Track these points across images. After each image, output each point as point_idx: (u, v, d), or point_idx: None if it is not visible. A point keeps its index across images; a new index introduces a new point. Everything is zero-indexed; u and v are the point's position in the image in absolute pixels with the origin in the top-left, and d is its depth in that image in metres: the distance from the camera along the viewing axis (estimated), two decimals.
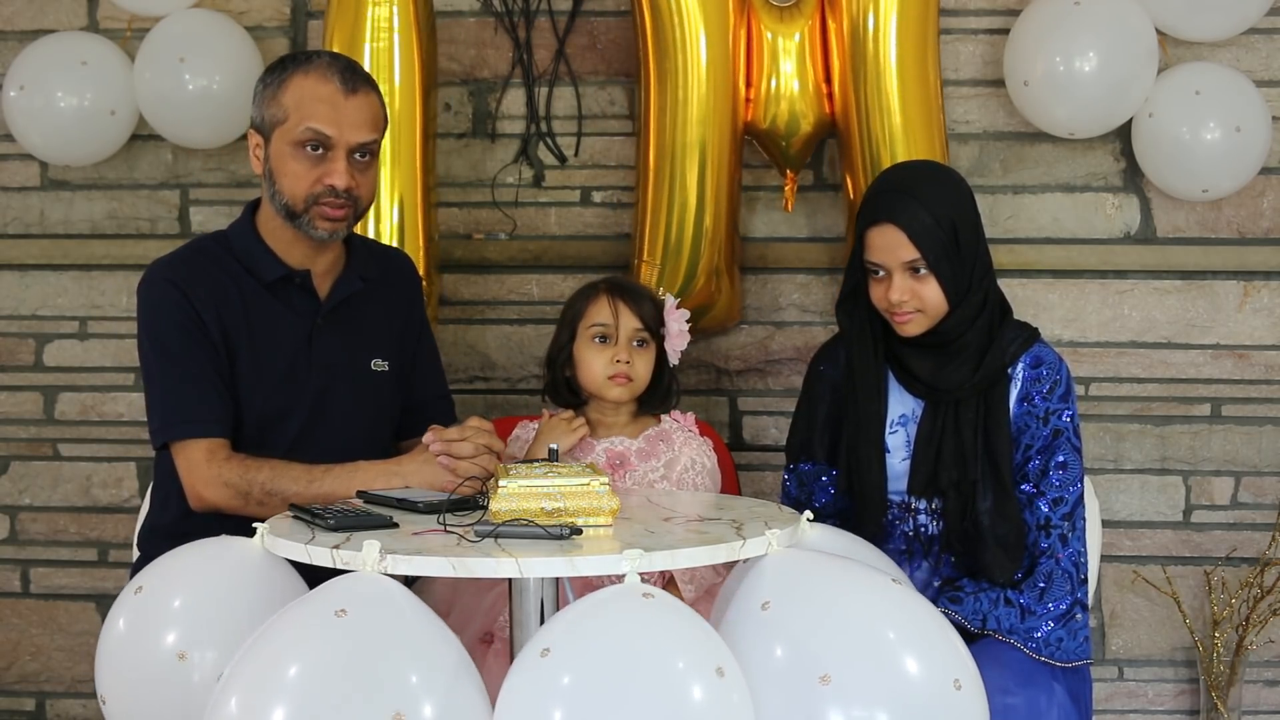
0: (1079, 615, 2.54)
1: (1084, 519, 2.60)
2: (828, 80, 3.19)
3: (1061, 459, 2.57)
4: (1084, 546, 2.60)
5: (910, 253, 2.53)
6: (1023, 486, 2.58)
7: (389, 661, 1.84)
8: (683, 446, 2.78)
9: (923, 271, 2.53)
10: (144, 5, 3.34)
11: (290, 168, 2.55)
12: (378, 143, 2.61)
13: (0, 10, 3.50)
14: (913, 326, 2.57)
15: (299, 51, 2.65)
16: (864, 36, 3.10)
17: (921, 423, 2.62)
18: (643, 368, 2.78)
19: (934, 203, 2.55)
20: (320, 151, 2.54)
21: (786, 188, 3.28)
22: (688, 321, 2.84)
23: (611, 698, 1.78)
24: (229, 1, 3.42)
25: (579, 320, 2.79)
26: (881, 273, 2.57)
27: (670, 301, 2.83)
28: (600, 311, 2.77)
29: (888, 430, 2.64)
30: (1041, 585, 2.53)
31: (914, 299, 2.54)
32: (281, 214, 2.57)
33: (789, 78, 3.17)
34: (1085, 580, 2.58)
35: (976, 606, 2.51)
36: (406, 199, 3.17)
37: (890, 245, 2.54)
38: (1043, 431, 2.58)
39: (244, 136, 3.34)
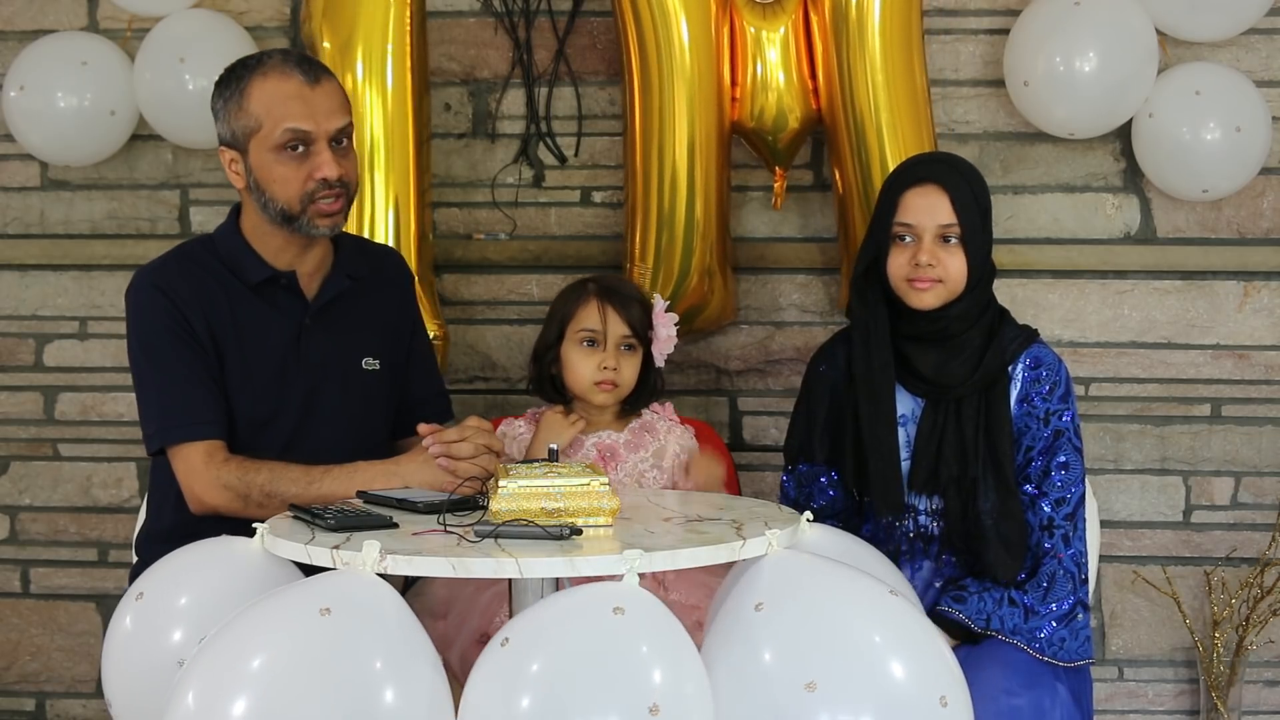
0: (1080, 615, 2.54)
1: (1085, 519, 2.61)
2: (813, 76, 3.19)
3: (1063, 459, 2.58)
4: (1085, 546, 2.60)
5: (948, 216, 2.55)
6: (1025, 488, 2.58)
7: (358, 668, 1.84)
8: (668, 436, 2.81)
9: (953, 241, 2.56)
10: (144, 5, 3.34)
11: (278, 173, 2.53)
12: (351, 125, 2.60)
13: (0, 10, 3.50)
14: (930, 297, 2.57)
15: (244, 59, 2.63)
16: (847, 30, 3.10)
17: (922, 420, 2.62)
18: (629, 373, 2.79)
19: (973, 181, 2.61)
20: (302, 149, 2.53)
21: (776, 185, 3.29)
22: (676, 325, 2.84)
23: (558, 698, 1.80)
24: (229, 1, 3.42)
25: (568, 322, 2.80)
26: (910, 238, 2.58)
27: (659, 305, 2.83)
28: (589, 316, 2.78)
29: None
30: (1045, 586, 2.53)
31: (939, 267, 2.55)
32: (277, 220, 2.55)
33: (774, 74, 3.17)
34: (1086, 580, 2.59)
35: (980, 606, 2.51)
36: (400, 200, 3.18)
37: (930, 206, 2.56)
38: (1044, 432, 2.58)
39: None
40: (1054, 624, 2.51)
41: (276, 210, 2.55)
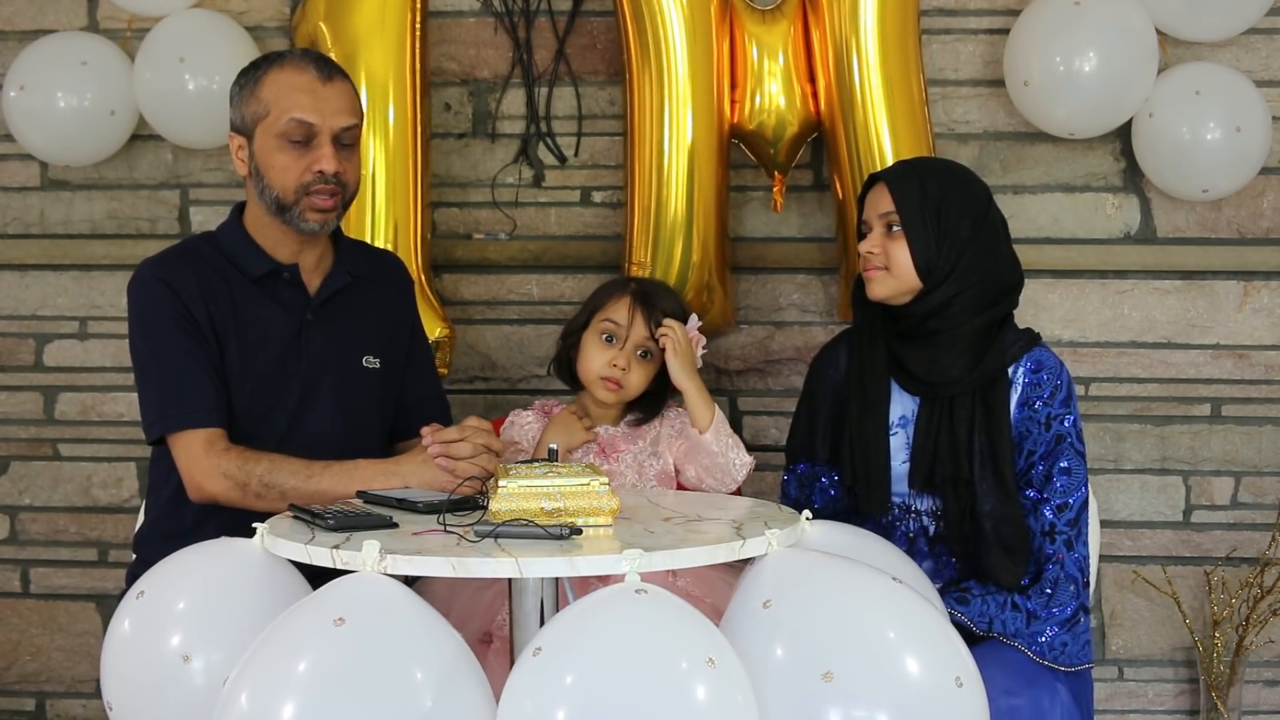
0: (1082, 619, 2.54)
1: (1088, 523, 2.61)
2: (811, 81, 3.20)
3: (1065, 464, 2.58)
4: (1088, 550, 2.60)
5: (887, 205, 2.61)
6: (1027, 492, 2.58)
7: (387, 668, 1.84)
8: (661, 423, 2.84)
9: (896, 229, 2.60)
10: (144, 5, 3.34)
11: (277, 160, 2.55)
12: (359, 128, 2.63)
13: (0, 10, 3.50)
14: (877, 285, 2.62)
15: (268, 53, 2.66)
16: (845, 37, 3.11)
17: (918, 419, 2.62)
18: (638, 380, 2.80)
19: (927, 177, 2.63)
20: (304, 141, 2.55)
21: (775, 189, 3.29)
22: (704, 349, 2.85)
23: (605, 693, 1.78)
24: (229, 1, 3.42)
25: (597, 310, 2.83)
26: (868, 233, 2.65)
27: (693, 323, 2.83)
28: (617, 311, 2.80)
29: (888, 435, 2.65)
30: (1048, 592, 2.53)
31: (882, 255, 2.61)
32: (272, 209, 2.58)
33: (773, 79, 3.18)
34: (1088, 584, 2.59)
35: (983, 609, 2.52)
36: (399, 200, 3.18)
37: (875, 201, 2.65)
38: (1045, 437, 2.58)
39: None
40: (1055, 628, 2.52)
41: (271, 198, 2.57)
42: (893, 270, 2.60)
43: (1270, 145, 3.25)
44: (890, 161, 3.05)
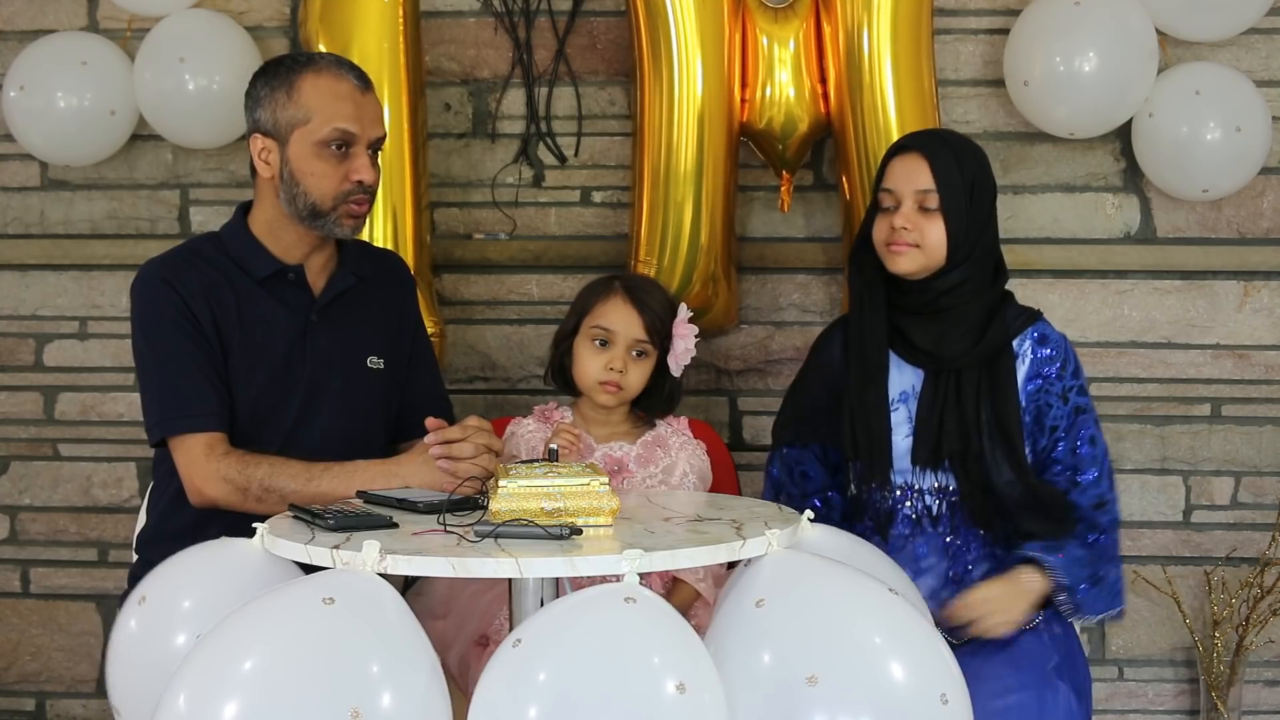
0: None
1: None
2: (823, 80, 3.20)
3: (1090, 433, 2.63)
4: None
5: (927, 182, 2.57)
6: (1055, 469, 2.59)
7: (357, 657, 1.84)
8: (679, 452, 2.79)
9: (932, 208, 2.57)
10: (144, 5, 3.35)
11: (316, 168, 2.55)
12: (384, 139, 2.64)
13: (0, 10, 3.50)
14: (905, 261, 2.58)
15: (293, 54, 2.66)
16: (858, 37, 3.11)
17: (923, 394, 2.62)
18: (636, 378, 2.77)
19: (961, 154, 2.61)
20: (343, 150, 2.55)
21: (783, 188, 3.29)
22: (697, 337, 2.83)
23: (578, 693, 1.78)
24: (229, 1, 3.42)
25: (585, 315, 2.79)
26: (892, 204, 2.60)
27: (683, 314, 2.81)
28: (606, 314, 2.77)
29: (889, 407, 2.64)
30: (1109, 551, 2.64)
31: (915, 231, 2.57)
32: (303, 214, 2.57)
33: (784, 78, 3.18)
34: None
35: (1071, 554, 2.58)
36: (397, 201, 3.18)
37: (910, 171, 2.58)
38: (1064, 411, 2.62)
39: (244, 136, 3.36)
40: (1114, 569, 2.63)
41: (306, 204, 2.56)
42: (925, 248, 2.57)
43: (1270, 145, 3.25)
44: None
